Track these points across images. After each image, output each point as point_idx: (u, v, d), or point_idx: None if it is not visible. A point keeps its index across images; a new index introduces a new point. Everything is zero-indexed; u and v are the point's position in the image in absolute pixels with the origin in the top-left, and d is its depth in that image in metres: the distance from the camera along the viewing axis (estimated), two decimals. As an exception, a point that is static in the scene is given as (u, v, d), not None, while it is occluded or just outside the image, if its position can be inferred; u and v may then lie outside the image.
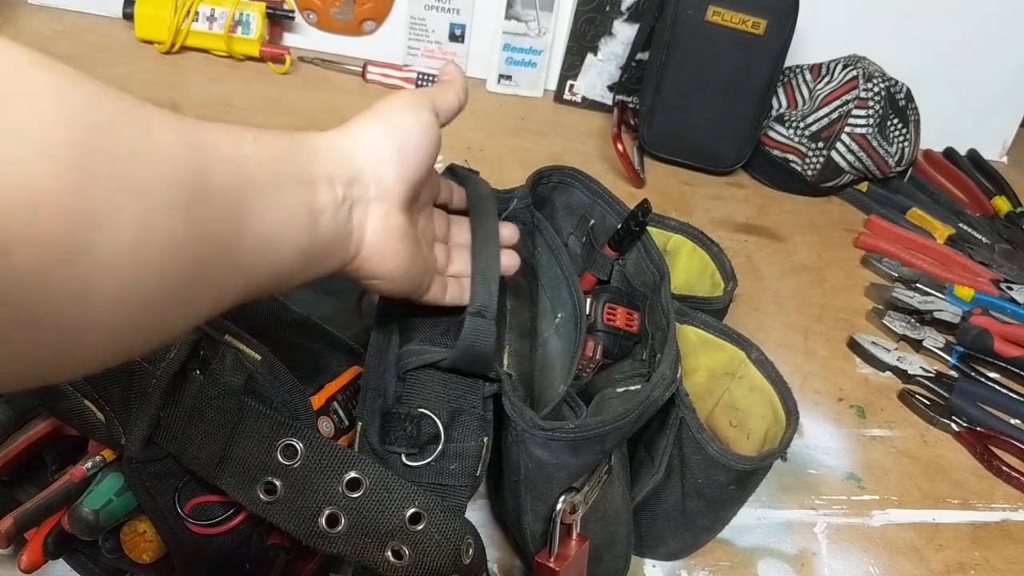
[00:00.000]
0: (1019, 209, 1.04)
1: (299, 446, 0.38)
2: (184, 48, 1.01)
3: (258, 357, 0.40)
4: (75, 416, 0.38)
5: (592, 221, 0.60)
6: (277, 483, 0.37)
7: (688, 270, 0.64)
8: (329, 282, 0.61)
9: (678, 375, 0.49)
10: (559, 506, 0.44)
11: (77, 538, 0.39)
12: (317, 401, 0.44)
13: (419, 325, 0.44)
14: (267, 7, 1.01)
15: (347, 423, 0.45)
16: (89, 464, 0.39)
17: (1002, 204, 1.05)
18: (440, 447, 0.41)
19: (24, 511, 0.37)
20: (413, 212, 0.40)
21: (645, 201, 0.56)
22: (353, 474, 0.37)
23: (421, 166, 0.39)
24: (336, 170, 0.35)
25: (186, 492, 0.39)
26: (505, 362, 0.45)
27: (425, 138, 0.39)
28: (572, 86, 1.12)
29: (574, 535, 0.45)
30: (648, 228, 0.58)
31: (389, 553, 0.37)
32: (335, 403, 0.46)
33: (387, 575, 0.36)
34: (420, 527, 0.37)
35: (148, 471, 0.38)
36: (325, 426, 0.44)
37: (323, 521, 0.36)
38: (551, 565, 0.43)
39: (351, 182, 0.35)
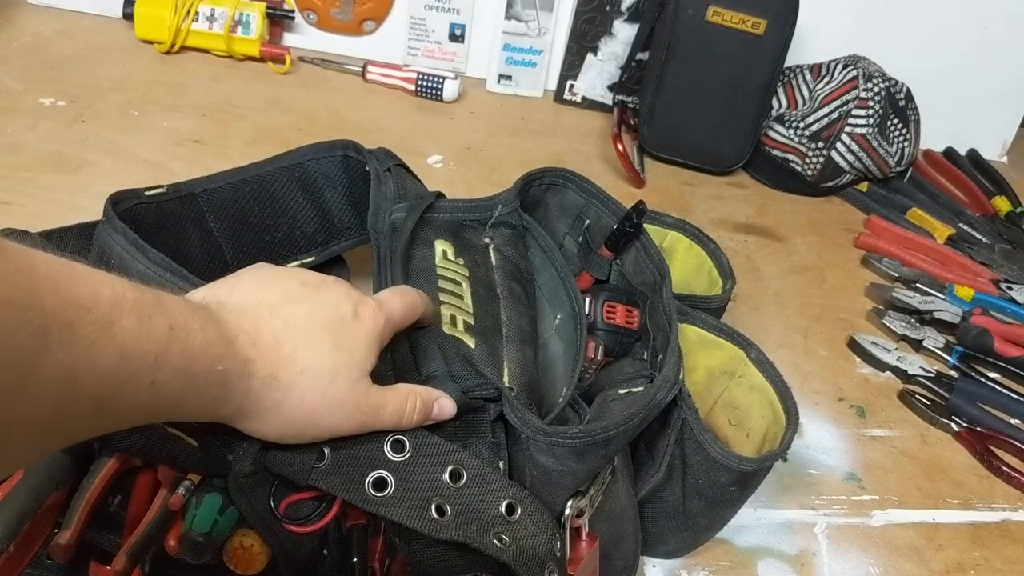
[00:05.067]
0: (1019, 209, 1.04)
1: (405, 439, 0.39)
2: (184, 48, 1.01)
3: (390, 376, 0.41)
4: (158, 446, 0.38)
5: (588, 221, 0.60)
6: (388, 477, 0.38)
7: (685, 267, 0.64)
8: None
9: (680, 376, 0.49)
10: (567, 511, 0.44)
11: (170, 563, 0.40)
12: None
13: (406, 376, 0.44)
14: (267, 7, 1.01)
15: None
16: (182, 490, 0.39)
17: (1002, 204, 1.05)
18: None
19: (134, 545, 0.38)
20: None
21: (640, 202, 0.56)
22: (453, 466, 0.39)
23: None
24: (216, 418, 0.34)
25: (277, 496, 0.40)
26: (506, 377, 0.45)
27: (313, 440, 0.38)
28: (572, 86, 1.12)
29: (583, 536, 0.45)
30: (646, 227, 0.58)
31: (495, 539, 0.38)
32: None
33: (496, 556, 0.38)
34: (516, 517, 0.39)
35: (248, 483, 0.39)
36: None
37: (433, 511, 0.38)
38: (566, 570, 0.43)
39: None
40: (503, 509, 0.39)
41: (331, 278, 0.40)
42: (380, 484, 0.38)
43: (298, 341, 0.36)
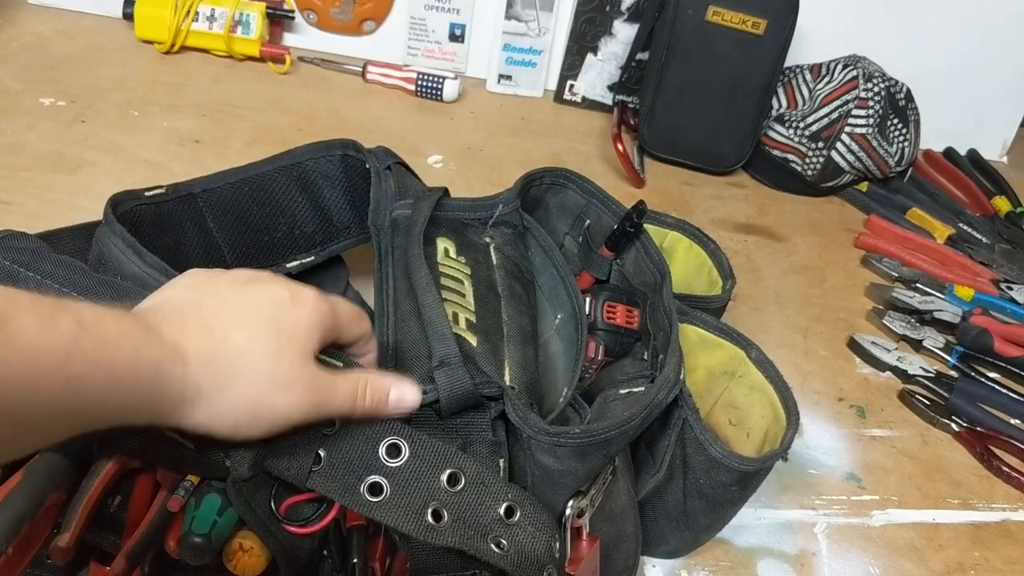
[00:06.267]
0: (1019, 209, 1.04)
1: (403, 444, 0.39)
2: (184, 48, 1.01)
3: (339, 364, 0.40)
4: (156, 449, 0.38)
5: (588, 221, 0.60)
6: (383, 482, 0.38)
7: (685, 267, 0.64)
8: (312, 276, 0.62)
9: (681, 376, 0.48)
10: (568, 511, 0.44)
11: (169, 564, 0.40)
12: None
13: (412, 365, 0.44)
14: (267, 7, 1.01)
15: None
16: (181, 492, 0.39)
17: (1002, 204, 1.05)
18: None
19: (133, 546, 0.37)
20: None
21: (641, 202, 0.56)
22: (451, 470, 0.39)
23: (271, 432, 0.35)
24: (144, 422, 0.32)
25: (277, 498, 0.39)
26: (507, 376, 0.45)
27: (262, 436, 0.35)
28: (572, 86, 1.12)
29: (584, 536, 0.45)
30: (646, 227, 0.58)
31: (492, 545, 0.38)
32: None
33: (494, 563, 0.38)
34: (515, 519, 0.39)
35: (247, 486, 0.38)
36: None
37: (429, 516, 0.37)
38: (566, 569, 0.43)
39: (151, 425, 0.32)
40: (502, 512, 0.39)
41: (265, 274, 0.38)
42: (376, 489, 0.38)
43: (231, 326, 0.34)
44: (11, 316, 0.26)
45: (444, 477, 0.39)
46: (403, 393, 0.39)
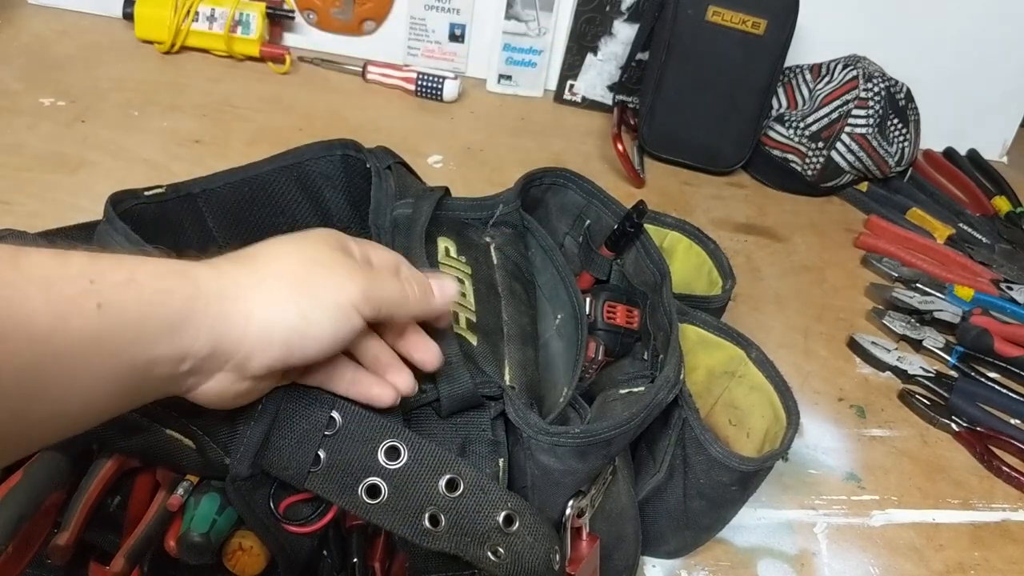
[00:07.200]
0: (1019, 209, 1.04)
1: (402, 447, 0.38)
2: (184, 48, 1.01)
3: None
4: (156, 448, 0.38)
5: (588, 221, 0.60)
6: (381, 485, 0.38)
7: (685, 267, 0.64)
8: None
9: (681, 376, 0.48)
10: (568, 511, 0.44)
11: (169, 563, 0.40)
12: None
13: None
14: (267, 7, 1.01)
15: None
16: (180, 491, 0.39)
17: (1002, 204, 1.05)
18: None
19: (132, 546, 0.37)
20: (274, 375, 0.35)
21: (641, 202, 0.56)
22: (450, 475, 0.38)
23: (308, 358, 0.34)
24: (196, 346, 0.30)
25: (276, 498, 0.39)
26: (507, 376, 0.45)
27: (330, 338, 0.34)
28: (572, 86, 1.12)
29: (584, 536, 0.45)
30: (646, 227, 0.58)
31: (489, 552, 0.38)
32: None
33: (489, 570, 0.38)
34: (514, 528, 0.39)
35: (246, 485, 0.38)
36: None
37: (426, 520, 0.37)
38: (566, 569, 0.43)
39: (208, 357, 0.31)
40: (501, 520, 0.39)
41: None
42: (374, 491, 0.38)
43: (261, 253, 0.34)
44: (23, 253, 0.26)
45: (443, 482, 0.38)
46: (443, 284, 0.39)
